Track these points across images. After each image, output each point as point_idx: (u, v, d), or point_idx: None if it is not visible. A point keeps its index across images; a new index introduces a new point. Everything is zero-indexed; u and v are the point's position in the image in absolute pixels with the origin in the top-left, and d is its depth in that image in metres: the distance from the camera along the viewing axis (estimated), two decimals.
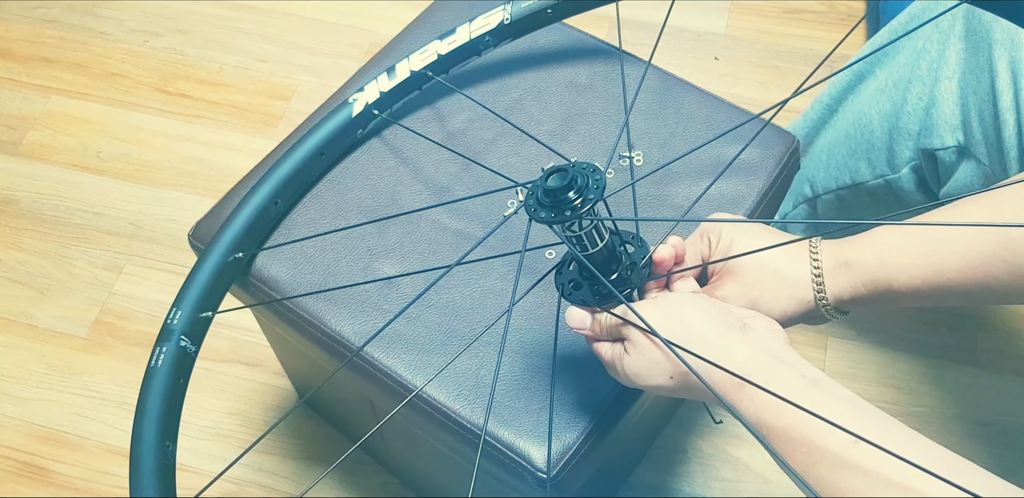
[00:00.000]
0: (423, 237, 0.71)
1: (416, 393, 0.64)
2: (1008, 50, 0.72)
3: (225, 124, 1.37)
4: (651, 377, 0.51)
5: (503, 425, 0.62)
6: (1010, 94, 0.71)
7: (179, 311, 0.62)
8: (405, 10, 1.46)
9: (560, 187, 0.47)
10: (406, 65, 0.74)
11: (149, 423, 0.56)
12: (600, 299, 0.54)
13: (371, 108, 0.73)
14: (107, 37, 1.47)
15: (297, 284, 0.69)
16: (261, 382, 1.15)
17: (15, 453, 1.11)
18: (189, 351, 0.60)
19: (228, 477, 1.08)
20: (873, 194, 0.90)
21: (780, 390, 0.44)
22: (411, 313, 0.67)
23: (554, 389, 0.64)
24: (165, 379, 0.58)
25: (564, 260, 0.56)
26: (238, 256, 0.66)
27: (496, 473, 0.64)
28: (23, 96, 1.40)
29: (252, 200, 0.68)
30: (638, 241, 0.56)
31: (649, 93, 0.78)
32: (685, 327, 0.49)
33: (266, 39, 1.46)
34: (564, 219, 0.48)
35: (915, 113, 0.81)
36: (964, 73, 0.77)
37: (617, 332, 0.53)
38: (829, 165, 0.93)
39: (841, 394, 0.45)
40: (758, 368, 0.47)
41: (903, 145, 0.83)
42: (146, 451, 0.54)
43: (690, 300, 0.51)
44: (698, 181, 0.73)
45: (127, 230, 1.27)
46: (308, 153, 0.71)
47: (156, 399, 0.57)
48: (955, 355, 1.16)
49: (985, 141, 0.75)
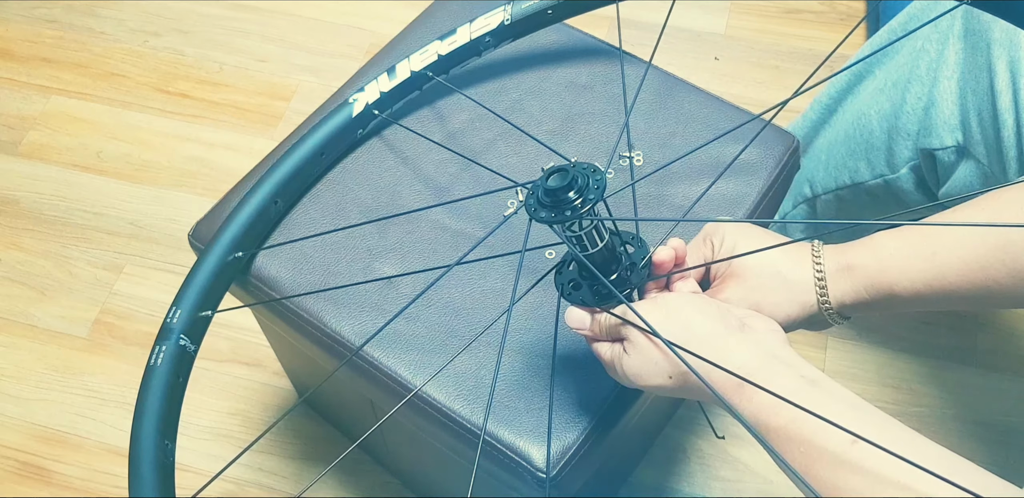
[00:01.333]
0: (423, 237, 0.71)
1: (415, 393, 0.64)
2: (1007, 50, 0.72)
3: (225, 124, 1.37)
4: (650, 377, 0.51)
5: (503, 425, 0.62)
6: (1009, 94, 0.71)
7: (179, 310, 0.62)
8: (405, 10, 1.46)
9: (560, 187, 0.47)
10: (406, 65, 0.74)
11: (148, 422, 0.56)
12: (600, 299, 0.54)
13: (371, 108, 0.73)
14: (107, 37, 1.47)
15: (297, 284, 0.69)
16: (261, 382, 1.15)
17: (15, 453, 1.11)
18: (189, 350, 0.60)
19: (228, 477, 1.08)
20: (872, 194, 0.90)
21: (779, 390, 0.44)
22: (411, 313, 0.67)
23: (554, 389, 0.64)
24: (164, 378, 0.58)
25: (564, 260, 0.56)
26: (238, 255, 0.66)
27: (496, 473, 0.64)
28: (23, 96, 1.40)
29: (252, 199, 0.68)
30: (638, 241, 0.56)
31: (649, 93, 0.78)
32: (684, 327, 0.49)
33: (266, 39, 1.46)
34: (564, 219, 0.48)
35: (914, 113, 0.81)
36: (963, 73, 0.77)
37: (616, 332, 0.53)
38: (828, 165, 0.93)
39: (841, 394, 0.45)
40: (757, 368, 0.47)
41: (902, 145, 0.83)
42: (145, 450, 0.54)
43: (689, 300, 0.51)
44: (698, 181, 0.73)
45: (127, 230, 1.27)
46: (308, 153, 0.71)
47: (155, 398, 0.57)
48: (955, 355, 1.16)
49: (984, 141, 0.75)
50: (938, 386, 1.14)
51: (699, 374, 0.47)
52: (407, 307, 0.58)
